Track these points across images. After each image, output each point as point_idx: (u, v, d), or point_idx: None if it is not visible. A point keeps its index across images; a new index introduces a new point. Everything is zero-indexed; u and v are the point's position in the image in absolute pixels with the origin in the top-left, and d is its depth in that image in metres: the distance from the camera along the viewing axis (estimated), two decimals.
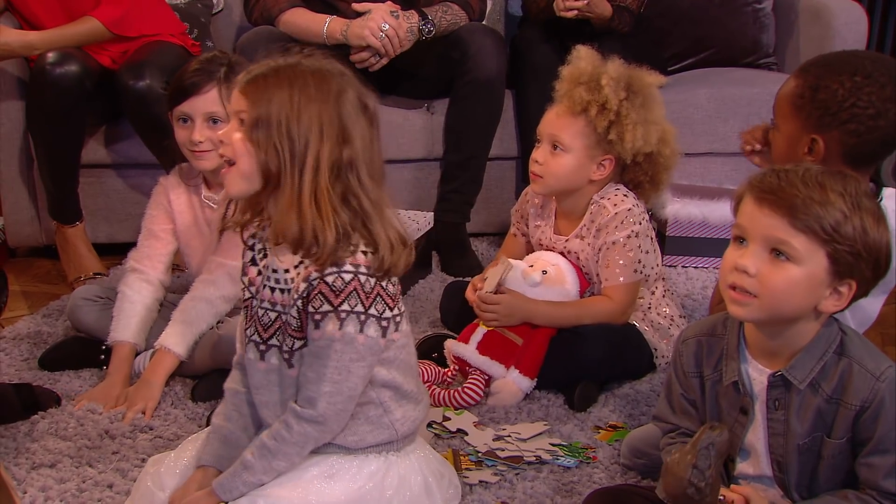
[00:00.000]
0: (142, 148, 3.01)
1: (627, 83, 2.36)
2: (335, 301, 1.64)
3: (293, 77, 1.64)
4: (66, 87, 2.80)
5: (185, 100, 2.34)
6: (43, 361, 2.49)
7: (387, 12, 3.04)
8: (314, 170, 1.62)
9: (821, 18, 3.60)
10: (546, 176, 2.42)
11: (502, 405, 2.33)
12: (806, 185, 1.52)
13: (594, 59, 2.40)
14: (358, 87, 1.69)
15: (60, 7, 2.98)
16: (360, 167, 1.65)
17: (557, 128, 2.41)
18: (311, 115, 1.62)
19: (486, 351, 2.39)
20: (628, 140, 2.34)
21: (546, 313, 2.39)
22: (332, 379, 1.67)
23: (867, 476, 1.58)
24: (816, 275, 1.52)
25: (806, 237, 1.50)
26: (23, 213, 3.20)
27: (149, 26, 3.05)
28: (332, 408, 1.68)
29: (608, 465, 2.10)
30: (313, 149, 1.62)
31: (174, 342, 2.34)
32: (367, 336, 1.67)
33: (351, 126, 1.64)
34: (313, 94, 1.63)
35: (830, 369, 1.58)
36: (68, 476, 2.02)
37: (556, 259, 2.47)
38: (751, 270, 1.53)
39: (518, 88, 3.28)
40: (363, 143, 1.66)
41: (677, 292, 2.97)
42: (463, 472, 2.04)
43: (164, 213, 2.51)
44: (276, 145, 1.62)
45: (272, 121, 1.62)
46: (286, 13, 3.12)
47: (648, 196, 2.48)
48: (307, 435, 1.70)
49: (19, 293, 3.01)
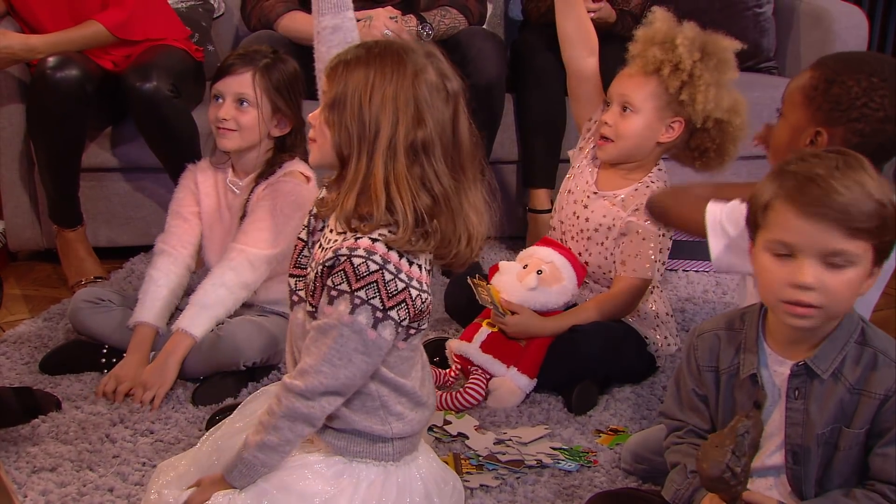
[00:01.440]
0: (142, 151, 3.01)
1: (702, 44, 2.36)
2: (354, 284, 1.61)
3: (373, 57, 1.63)
4: (67, 91, 2.80)
5: (221, 79, 2.43)
6: (44, 365, 2.48)
7: (387, 18, 3.04)
8: (387, 152, 1.60)
9: (821, 22, 3.60)
10: (616, 138, 2.43)
11: (502, 405, 2.34)
12: (847, 186, 1.51)
13: (669, 20, 2.41)
14: (441, 68, 1.66)
15: (64, 11, 2.98)
16: (435, 148, 1.63)
17: (629, 88, 2.42)
18: (385, 96, 1.60)
19: (489, 349, 2.40)
20: (700, 101, 2.34)
21: (553, 328, 2.41)
22: (331, 361, 1.63)
23: (881, 467, 1.58)
24: (866, 269, 1.54)
25: (861, 241, 1.51)
26: (24, 216, 3.19)
27: (153, 31, 3.05)
28: (321, 387, 1.64)
29: (609, 468, 2.10)
30: (385, 131, 1.60)
31: (191, 324, 2.35)
32: (380, 335, 1.63)
33: (425, 108, 1.61)
34: (389, 74, 1.61)
35: (853, 359, 1.59)
36: (69, 480, 2.02)
37: (549, 256, 2.47)
38: (815, 285, 1.52)
39: (519, 93, 3.28)
40: (439, 126, 1.63)
41: (678, 296, 2.97)
42: (464, 475, 2.04)
43: (191, 196, 2.56)
44: (348, 126, 1.62)
45: (346, 102, 1.62)
46: (284, 17, 3.12)
47: (713, 165, 2.49)
48: (296, 410, 1.65)
49: (20, 297, 3.01)
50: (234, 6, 3.61)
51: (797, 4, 3.74)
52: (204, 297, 2.38)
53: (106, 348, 2.47)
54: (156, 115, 2.84)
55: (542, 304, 2.43)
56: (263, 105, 2.41)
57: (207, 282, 2.40)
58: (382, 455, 1.74)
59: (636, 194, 2.44)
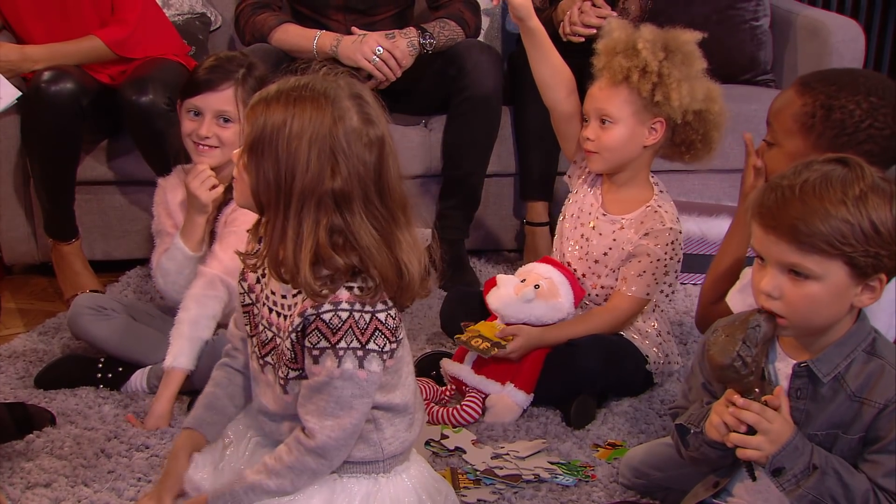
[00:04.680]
0: (138, 165, 3.00)
1: (664, 43, 2.36)
2: (332, 339, 1.60)
3: (292, 101, 1.58)
4: (62, 105, 2.80)
5: (199, 94, 2.38)
6: (39, 380, 2.47)
7: (382, 35, 3.05)
8: (300, 202, 1.57)
9: (818, 36, 3.61)
10: (601, 151, 2.43)
11: (499, 421, 2.32)
12: (804, 201, 1.51)
13: (626, 27, 2.41)
14: (367, 112, 1.61)
15: (59, 26, 2.97)
16: (353, 200, 1.58)
17: (602, 101, 2.42)
18: (302, 144, 1.56)
19: (482, 369, 2.39)
20: (675, 98, 2.34)
21: (556, 336, 2.40)
22: (333, 414, 1.63)
23: (867, 471, 1.58)
24: (838, 283, 1.53)
25: (817, 256, 1.51)
26: (19, 230, 3.19)
27: (153, 49, 3.03)
28: (332, 442, 1.64)
29: (607, 483, 2.09)
30: (299, 180, 1.56)
31: (177, 359, 2.30)
32: (369, 371, 1.62)
33: (341, 157, 1.57)
34: (307, 118, 1.57)
35: (858, 367, 1.59)
36: (63, 496, 2.01)
37: (548, 272, 2.47)
38: (774, 294, 1.55)
39: (516, 105, 3.28)
40: (361, 174, 1.58)
41: (676, 309, 2.97)
42: (461, 490, 2.03)
43: (165, 212, 2.54)
44: (265, 172, 1.59)
45: (263, 146, 1.58)
46: (276, 31, 3.12)
47: (701, 156, 2.48)
48: (305, 465, 1.66)
49: (15, 311, 3.00)
50: (230, 19, 3.61)
51: (794, 18, 3.75)
52: (191, 329, 2.32)
53: (102, 363, 2.46)
54: (151, 129, 2.83)
55: (538, 318, 2.42)
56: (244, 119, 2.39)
57: (184, 315, 2.34)
58: (373, 469, 1.74)
59: (645, 217, 2.44)
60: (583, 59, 2.52)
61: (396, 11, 3.27)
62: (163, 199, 2.55)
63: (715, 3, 3.74)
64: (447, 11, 3.21)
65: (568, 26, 3.01)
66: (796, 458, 1.57)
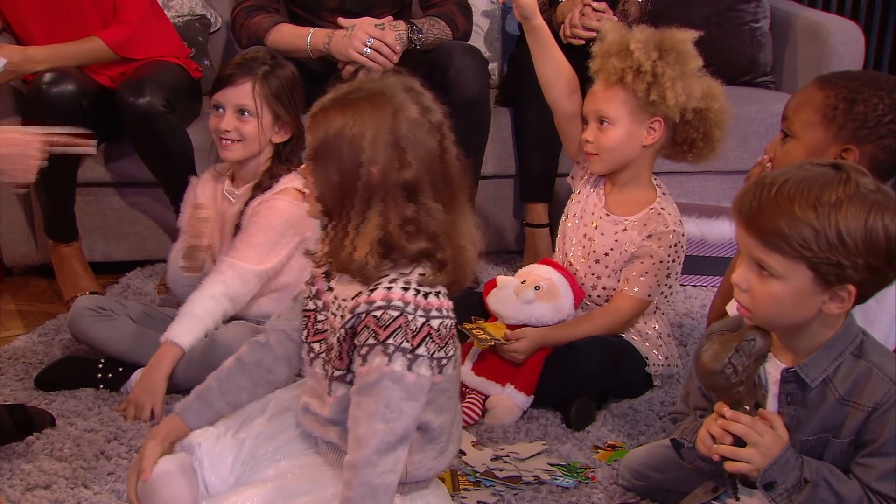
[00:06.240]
0: (139, 166, 3.00)
1: (658, 43, 2.37)
2: (382, 335, 1.56)
3: (349, 104, 1.59)
4: (62, 107, 2.79)
5: (221, 89, 2.44)
6: (39, 381, 2.47)
7: (371, 25, 3.01)
8: (364, 198, 1.58)
9: (818, 37, 3.61)
10: (600, 152, 2.44)
11: (499, 422, 2.33)
12: (777, 201, 1.52)
13: (620, 29, 2.42)
14: (422, 101, 1.62)
15: (60, 28, 2.97)
16: (423, 187, 1.59)
17: (599, 102, 2.43)
18: (364, 142, 1.57)
19: (482, 370, 2.39)
20: (670, 97, 2.35)
21: (559, 337, 2.41)
22: (384, 417, 1.55)
23: (861, 475, 1.58)
24: (801, 287, 1.52)
25: (780, 256, 1.51)
26: (19, 231, 3.19)
27: (154, 50, 3.03)
28: (384, 446, 1.55)
29: (607, 485, 2.09)
30: (363, 177, 1.57)
31: (178, 334, 2.34)
32: (418, 375, 1.57)
33: (408, 147, 1.58)
34: (367, 117, 1.58)
35: (846, 370, 1.58)
36: (63, 497, 2.01)
37: (548, 273, 2.47)
38: (742, 286, 1.57)
39: (516, 107, 3.27)
40: (428, 161, 1.60)
41: (676, 310, 2.97)
42: (461, 492, 2.03)
43: (191, 208, 2.58)
44: (330, 177, 1.59)
45: (326, 151, 1.59)
46: (271, 32, 3.11)
47: (704, 155, 2.48)
48: (369, 482, 1.55)
49: (15, 312, 3.00)
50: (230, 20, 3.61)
51: (794, 19, 3.75)
52: (193, 307, 2.37)
53: (101, 364, 2.47)
54: (149, 131, 2.84)
55: (538, 319, 2.42)
56: (264, 114, 2.42)
57: (197, 294, 2.39)
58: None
59: (648, 219, 2.44)
60: (583, 62, 2.52)
61: (392, 14, 3.26)
62: (192, 193, 2.60)
63: (715, 4, 3.75)
64: (439, 10, 3.18)
65: (568, 28, 3.01)
66: (788, 473, 1.56)
